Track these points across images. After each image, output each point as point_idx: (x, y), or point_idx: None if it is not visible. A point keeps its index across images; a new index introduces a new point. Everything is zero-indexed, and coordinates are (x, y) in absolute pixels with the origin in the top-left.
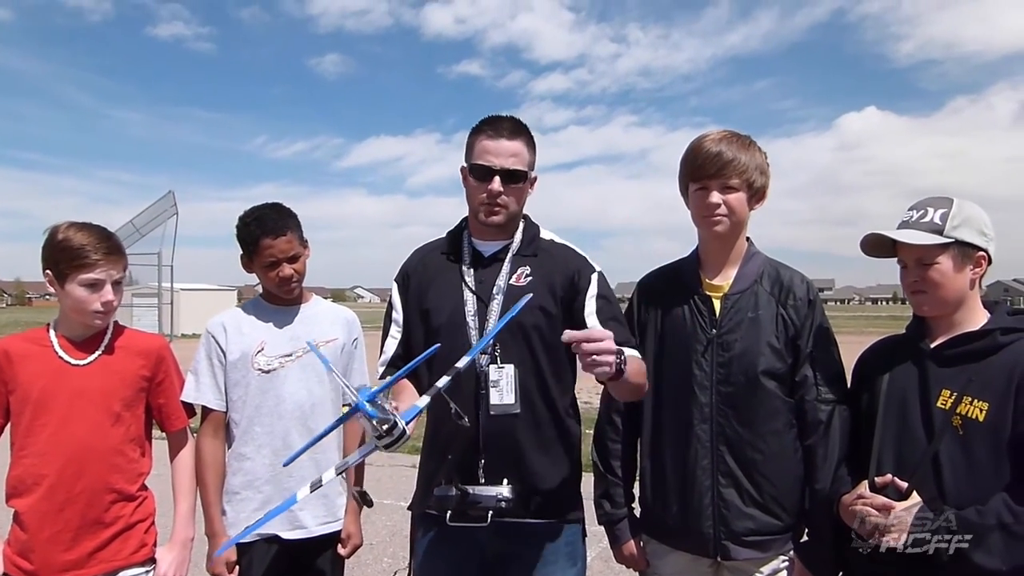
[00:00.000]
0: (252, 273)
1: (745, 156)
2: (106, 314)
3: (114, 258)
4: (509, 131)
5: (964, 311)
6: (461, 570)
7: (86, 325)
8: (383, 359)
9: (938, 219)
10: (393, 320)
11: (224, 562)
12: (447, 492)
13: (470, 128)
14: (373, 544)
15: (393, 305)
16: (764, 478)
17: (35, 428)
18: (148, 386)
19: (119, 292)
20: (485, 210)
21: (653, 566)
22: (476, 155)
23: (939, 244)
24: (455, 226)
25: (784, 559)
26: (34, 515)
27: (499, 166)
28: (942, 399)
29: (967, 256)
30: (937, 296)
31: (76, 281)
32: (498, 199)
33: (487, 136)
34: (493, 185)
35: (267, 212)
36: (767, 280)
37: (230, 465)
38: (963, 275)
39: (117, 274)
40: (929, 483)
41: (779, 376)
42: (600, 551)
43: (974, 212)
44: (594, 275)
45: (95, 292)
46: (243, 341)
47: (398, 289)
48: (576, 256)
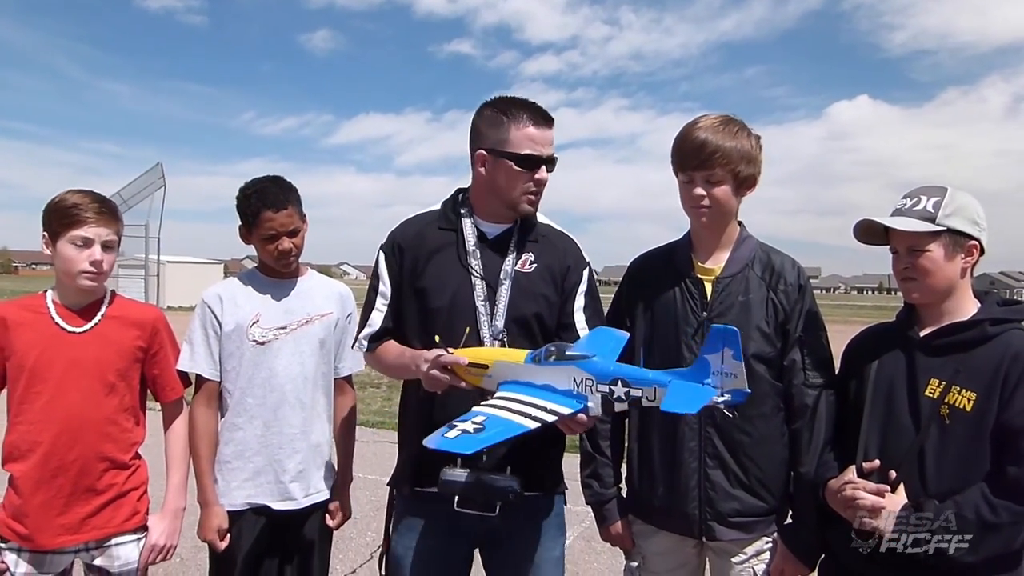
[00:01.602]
0: (250, 244)
1: (731, 145)
2: (95, 275)
3: (105, 219)
4: (547, 119)
5: (954, 300)
6: (450, 549)
7: (79, 290)
8: (368, 332)
9: (931, 207)
10: (380, 292)
11: (216, 529)
12: (458, 477)
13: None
14: (357, 518)
15: (380, 276)
16: (751, 460)
17: (30, 396)
18: (143, 357)
19: (110, 255)
20: (529, 200)
21: (638, 546)
22: (519, 144)
23: (930, 232)
24: (449, 199)
25: (768, 541)
26: (28, 481)
27: (547, 155)
28: (930, 388)
29: (958, 245)
30: (927, 284)
31: (66, 238)
32: (543, 187)
33: (532, 124)
34: (542, 175)
35: (269, 185)
36: (758, 264)
37: (222, 435)
38: (954, 264)
39: (107, 235)
40: (914, 472)
41: (768, 360)
42: (582, 531)
43: (967, 201)
44: (586, 270)
45: (84, 250)
46: (238, 312)
47: (386, 260)
48: (573, 246)
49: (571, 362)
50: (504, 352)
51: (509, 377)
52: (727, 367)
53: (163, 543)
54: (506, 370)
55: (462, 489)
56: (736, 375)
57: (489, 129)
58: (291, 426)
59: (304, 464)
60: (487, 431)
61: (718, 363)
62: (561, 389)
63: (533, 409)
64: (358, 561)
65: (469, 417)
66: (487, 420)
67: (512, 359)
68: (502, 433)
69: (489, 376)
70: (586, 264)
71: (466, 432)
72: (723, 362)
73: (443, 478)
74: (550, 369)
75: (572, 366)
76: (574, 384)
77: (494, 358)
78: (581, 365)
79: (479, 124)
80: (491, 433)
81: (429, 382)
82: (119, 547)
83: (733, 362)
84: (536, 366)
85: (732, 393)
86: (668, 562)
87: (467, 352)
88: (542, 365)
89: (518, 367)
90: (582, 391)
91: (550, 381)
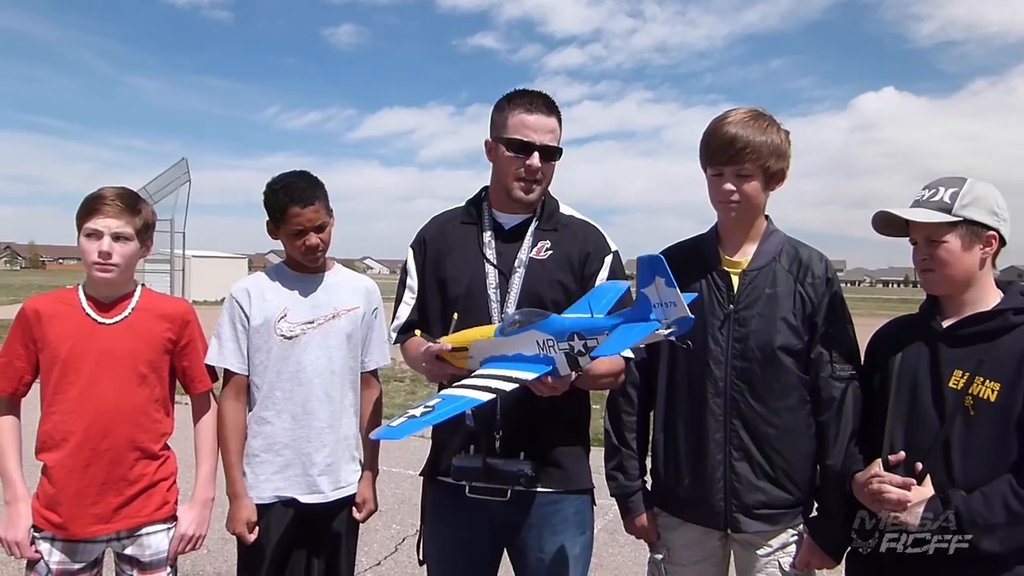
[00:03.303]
0: (277, 240)
1: (762, 140)
2: (104, 267)
3: (118, 211)
4: (547, 107)
5: (975, 291)
6: (472, 537)
7: (101, 283)
8: (396, 324)
9: (947, 198)
10: (408, 287)
11: (245, 521)
12: (470, 463)
13: (483, 101)
14: (383, 511)
15: (408, 271)
16: (776, 452)
17: (63, 386)
18: (173, 349)
19: (122, 247)
20: (522, 186)
21: (663, 538)
22: (513, 129)
23: (947, 223)
24: (474, 195)
25: (793, 533)
26: (62, 470)
27: (539, 142)
28: (954, 379)
29: (976, 235)
30: (945, 274)
31: (82, 231)
32: (536, 175)
33: (525, 111)
34: (533, 161)
35: (296, 180)
36: (785, 257)
37: (251, 428)
38: (971, 254)
39: (118, 227)
40: (940, 464)
41: (795, 352)
42: (606, 523)
43: (986, 192)
44: (608, 256)
45: (94, 241)
46: (266, 307)
47: (414, 255)
48: (595, 233)
49: (531, 326)
50: (478, 331)
51: (486, 354)
52: (665, 296)
53: (192, 533)
54: (482, 348)
55: (474, 475)
56: (675, 302)
57: (495, 118)
58: (319, 420)
59: (332, 457)
60: (435, 411)
61: (655, 295)
62: (529, 355)
63: (493, 381)
64: (383, 553)
65: (423, 402)
66: (441, 401)
67: (484, 336)
68: (451, 411)
69: (471, 357)
70: (610, 251)
71: (412, 417)
72: (659, 293)
73: (455, 464)
74: (516, 338)
75: (532, 330)
76: (539, 347)
77: (471, 338)
78: (540, 327)
79: (492, 115)
80: (438, 413)
81: (428, 374)
82: (149, 536)
83: (668, 290)
84: (504, 338)
85: (677, 323)
86: (693, 554)
87: (449, 338)
88: (508, 336)
89: (490, 342)
90: (547, 352)
91: (519, 350)
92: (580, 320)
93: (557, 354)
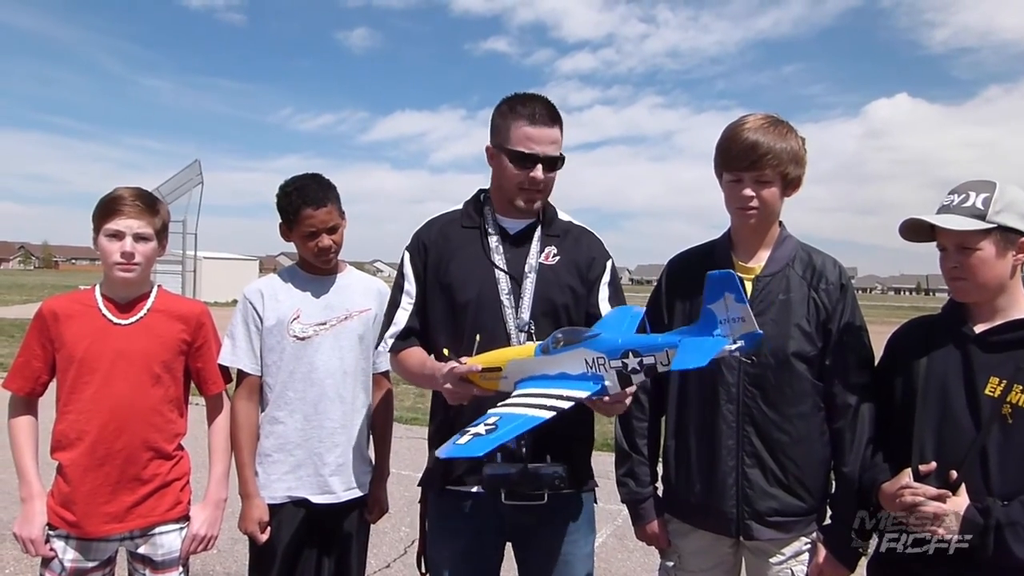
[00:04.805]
0: (290, 241)
1: (782, 146)
2: (127, 266)
3: (137, 211)
4: (550, 117)
5: (1006, 297)
6: (480, 545)
7: (120, 283)
8: (393, 331)
9: (980, 204)
10: (404, 291)
11: (257, 521)
12: (504, 470)
13: (494, 105)
14: (391, 513)
15: (405, 275)
16: (789, 459)
17: (79, 386)
18: (188, 350)
19: (143, 247)
20: (525, 196)
21: (674, 545)
22: (516, 140)
23: (981, 230)
24: (472, 198)
25: (806, 541)
26: (76, 469)
27: (543, 154)
28: (990, 386)
29: (1009, 242)
30: (977, 283)
31: (102, 231)
32: (539, 186)
33: (528, 122)
34: (537, 173)
35: (309, 182)
36: (799, 264)
37: (263, 428)
38: (1005, 261)
39: (139, 227)
40: (975, 472)
41: (808, 359)
42: (615, 529)
43: (1017, 196)
44: (608, 262)
45: (116, 242)
46: (279, 308)
47: (411, 259)
48: (595, 241)
49: (579, 344)
50: (514, 350)
51: (524, 374)
52: (733, 312)
53: (205, 533)
54: (519, 368)
55: (509, 482)
56: (744, 318)
57: (497, 124)
58: (331, 420)
59: (343, 458)
60: (500, 429)
61: (723, 311)
62: (575, 374)
63: (548, 399)
64: (392, 555)
65: (482, 420)
66: (500, 419)
67: (523, 355)
68: (517, 428)
69: (505, 378)
70: (608, 257)
71: (478, 435)
72: (727, 309)
73: (488, 472)
74: (560, 356)
75: (581, 348)
76: (587, 366)
77: (506, 358)
78: (589, 345)
79: (493, 119)
80: (504, 431)
81: (450, 396)
82: (162, 536)
83: (737, 306)
84: (547, 357)
85: (744, 338)
86: (704, 561)
87: (479, 359)
88: (552, 354)
89: (530, 362)
90: (596, 371)
91: (563, 369)
92: (636, 337)
93: (608, 372)
